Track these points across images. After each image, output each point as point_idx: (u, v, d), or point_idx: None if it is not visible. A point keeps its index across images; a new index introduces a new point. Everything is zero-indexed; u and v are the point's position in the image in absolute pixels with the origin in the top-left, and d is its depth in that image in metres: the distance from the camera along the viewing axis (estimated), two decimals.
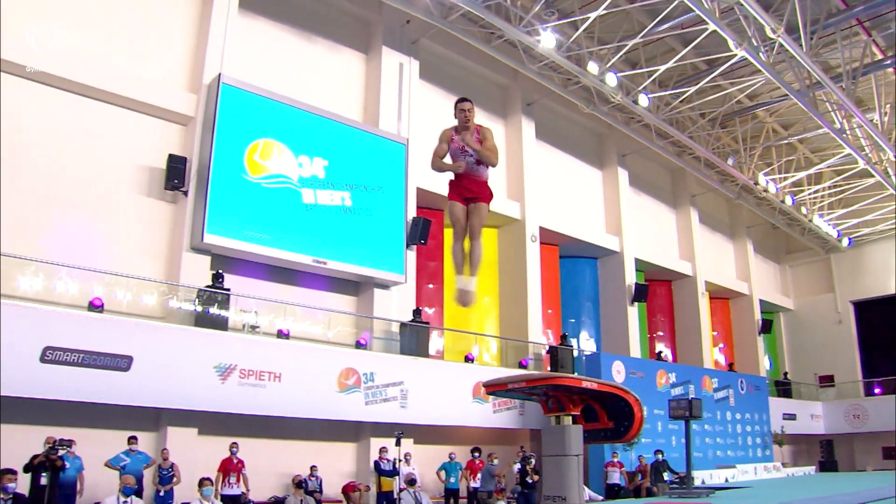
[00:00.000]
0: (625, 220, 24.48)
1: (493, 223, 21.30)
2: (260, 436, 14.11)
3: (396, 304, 17.21)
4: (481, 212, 6.71)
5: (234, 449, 13.02)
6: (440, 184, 18.63)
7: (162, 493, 12.14)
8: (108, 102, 14.39)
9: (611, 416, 11.39)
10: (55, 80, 13.73)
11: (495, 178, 20.60)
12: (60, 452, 10.40)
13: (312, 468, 14.02)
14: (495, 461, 16.35)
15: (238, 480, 12.90)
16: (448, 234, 20.60)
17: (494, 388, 10.40)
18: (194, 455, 12.98)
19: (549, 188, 22.47)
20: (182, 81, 15.49)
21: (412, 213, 17.89)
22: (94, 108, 14.27)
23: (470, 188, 6.67)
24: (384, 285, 17.01)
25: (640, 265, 25.12)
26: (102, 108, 14.36)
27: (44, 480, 10.27)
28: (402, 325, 16.87)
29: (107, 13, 14.69)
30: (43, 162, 13.47)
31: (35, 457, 10.36)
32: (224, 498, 12.40)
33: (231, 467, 12.89)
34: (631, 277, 24.11)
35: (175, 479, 12.29)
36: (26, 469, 10.34)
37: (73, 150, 13.89)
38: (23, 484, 10.31)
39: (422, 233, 17.69)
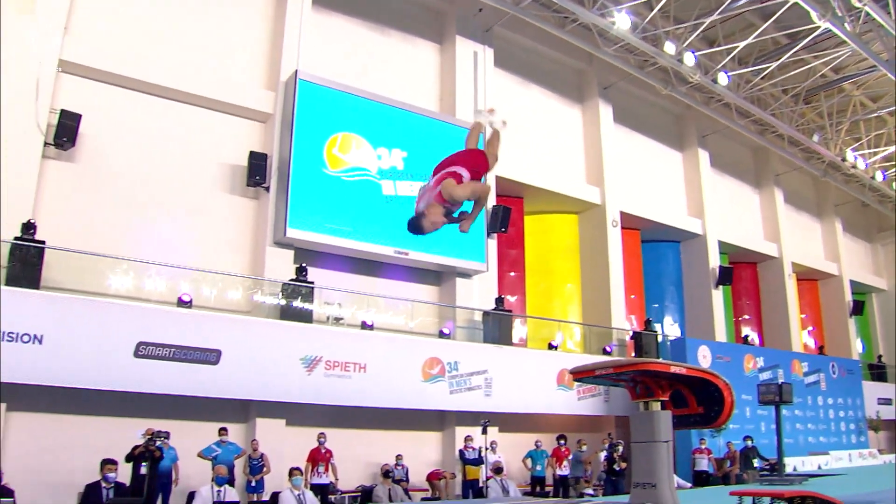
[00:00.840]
0: (707, 202, 23.75)
1: (574, 209, 20.95)
2: (346, 426, 14.18)
3: (478, 292, 17.03)
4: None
5: (322, 439, 13.10)
6: (519, 172, 18.71)
7: (253, 483, 12.29)
8: (190, 104, 14.62)
9: (700, 402, 10.99)
10: (139, 84, 14.05)
11: (574, 163, 20.59)
12: (158, 443, 10.63)
13: (398, 457, 14.00)
14: (584, 448, 16.10)
15: (326, 470, 13.00)
16: (529, 221, 20.37)
17: (581, 375, 10.11)
18: (283, 445, 13.13)
19: (629, 172, 21.96)
20: (260, 80, 15.63)
21: (492, 201, 17.62)
22: (176, 109, 14.52)
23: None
24: (466, 274, 16.88)
25: (724, 247, 24.35)
26: (185, 110, 14.60)
27: (143, 470, 10.48)
28: (485, 313, 16.69)
29: (185, 18, 14.96)
30: (130, 164, 13.78)
31: (135, 447, 10.58)
32: (313, 487, 12.46)
33: (319, 457, 12.98)
34: (715, 260, 23.41)
35: (265, 469, 12.41)
36: (128, 459, 10.56)
37: (158, 151, 14.16)
38: (123, 473, 10.54)
39: (502, 221, 17.48)
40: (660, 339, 20.30)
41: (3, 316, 10.68)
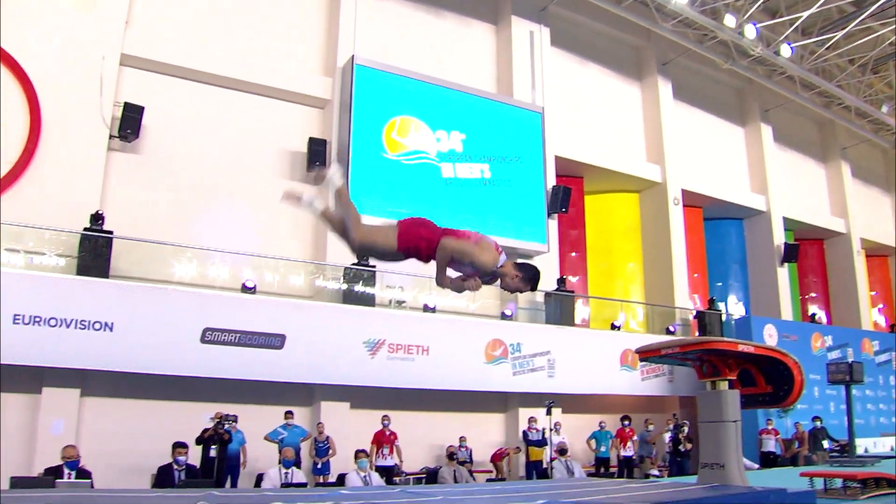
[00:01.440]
0: (771, 178, 23.04)
1: (634, 188, 20.56)
2: (409, 408, 14.16)
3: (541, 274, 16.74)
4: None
5: (386, 421, 13.10)
6: (579, 152, 18.42)
7: (319, 465, 12.37)
8: (249, 92, 14.72)
9: (769, 381, 10.69)
10: (199, 74, 14.20)
11: (634, 141, 20.17)
12: (226, 427, 10.74)
13: (461, 439, 13.96)
14: (651, 427, 15.84)
15: (391, 452, 13.02)
16: (589, 200, 20.05)
17: (647, 354, 9.90)
18: (347, 428, 13.15)
19: (690, 149, 21.42)
20: (317, 66, 15.63)
21: (551, 181, 17.46)
22: (236, 98, 14.62)
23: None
24: (527, 255, 16.53)
25: (789, 224, 23.63)
26: (244, 99, 14.70)
27: (213, 453, 10.66)
28: (547, 294, 16.52)
29: (242, 7, 15.07)
30: (192, 154, 13.94)
31: (205, 431, 10.78)
32: (378, 469, 12.47)
33: (384, 439, 13.01)
34: (780, 237, 22.74)
35: (331, 452, 12.48)
36: (198, 442, 10.77)
37: (219, 140, 14.27)
38: (194, 456, 10.68)
39: (562, 201, 17.24)
40: (724, 318, 19.84)
41: (75, 304, 10.97)
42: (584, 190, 19.84)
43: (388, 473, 12.61)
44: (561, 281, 16.72)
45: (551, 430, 14.03)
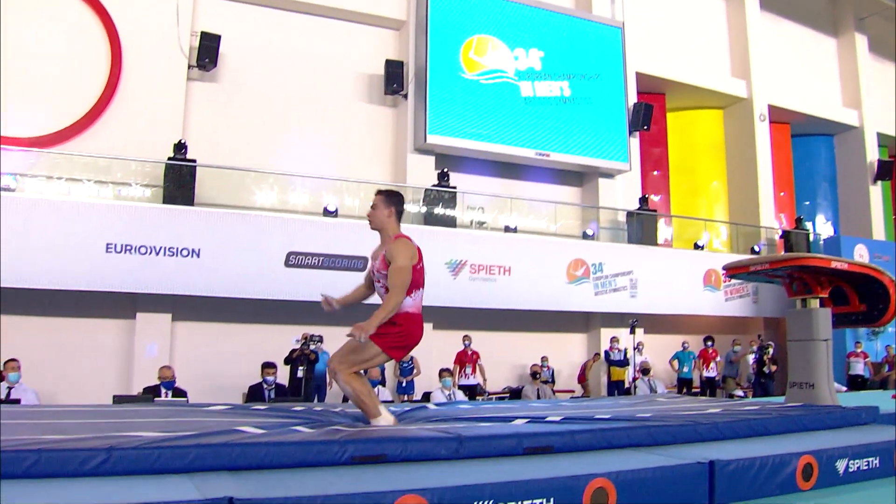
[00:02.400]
0: (864, 92, 21.67)
1: (718, 104, 19.65)
2: (491, 329, 14.10)
3: (622, 192, 16.41)
4: (360, 344, 4.46)
5: (467, 341, 13.05)
6: (661, 67, 17.65)
7: (403, 384, 12.40)
8: (324, 16, 14.46)
9: (863, 299, 10.18)
10: (274, 0, 13.99)
11: (718, 55, 19.21)
12: (312, 347, 10.84)
13: (543, 359, 13.88)
14: (737, 347, 15.41)
15: (474, 371, 12.99)
16: (672, 118, 19.33)
17: (735, 271, 9.44)
18: (430, 348, 13.03)
19: (778, 62, 20.25)
20: None
21: (633, 98, 16.82)
22: (311, 23, 14.39)
23: None
24: (608, 174, 16.24)
25: (884, 140, 22.31)
26: (319, 23, 14.45)
27: (300, 373, 10.84)
28: (629, 213, 16.10)
29: None
30: (269, 80, 13.83)
31: (292, 351, 10.98)
32: (462, 388, 12.44)
33: (466, 359, 13.00)
34: (873, 154, 21.51)
35: (415, 371, 12.50)
36: (286, 362, 10.99)
37: (295, 65, 14.13)
38: (282, 376, 10.81)
39: (644, 118, 16.61)
40: (812, 237, 19.06)
41: (164, 233, 11.20)
42: (667, 107, 19.06)
43: (472, 392, 12.59)
44: (643, 200, 16.23)
45: (634, 349, 13.77)
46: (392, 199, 4.76)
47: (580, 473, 3.40)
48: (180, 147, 11.97)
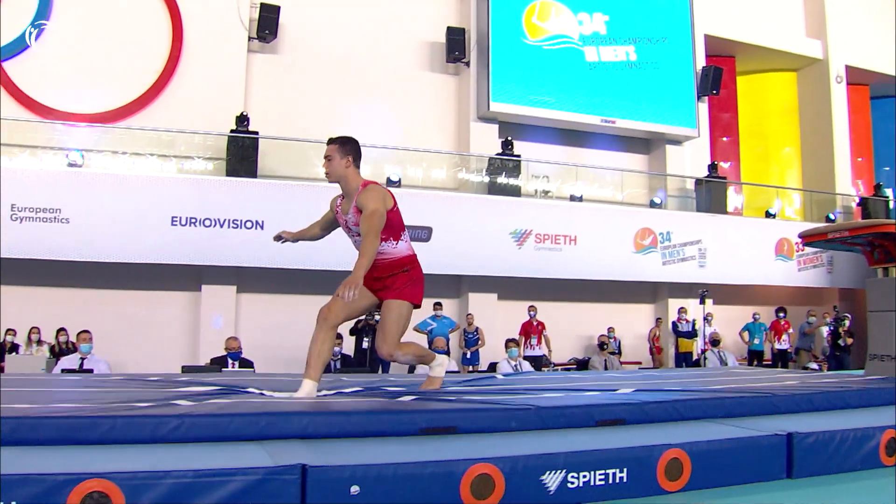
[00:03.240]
0: None
1: (792, 66, 18.78)
2: (557, 299, 13.89)
3: (690, 159, 15.91)
4: (387, 315, 4.40)
5: (533, 312, 12.78)
6: (730, 28, 16.90)
7: (468, 355, 12.24)
8: None
9: None
10: None
11: (791, 14, 18.33)
12: (377, 317, 10.65)
13: (610, 329, 13.55)
14: (812, 318, 14.79)
15: (539, 342, 12.72)
16: (742, 81, 18.59)
17: (812, 239, 8.94)
18: (495, 319, 13.00)
19: (855, 20, 19.15)
20: None
21: (701, 62, 16.21)
22: None
23: (372, 274, 4.27)
24: (676, 141, 15.77)
25: None
26: None
27: (365, 344, 10.83)
28: (698, 181, 15.58)
29: None
30: (329, 50, 13.71)
31: (358, 321, 10.88)
32: (527, 359, 12.20)
33: (532, 329, 12.73)
34: None
35: (480, 342, 12.30)
36: (352, 332, 11.05)
37: (355, 34, 13.98)
38: (347, 346, 10.85)
39: (713, 83, 16.02)
40: (892, 204, 18.15)
41: (227, 205, 11.29)
42: (737, 70, 18.31)
43: (538, 363, 12.34)
44: (712, 167, 15.69)
45: (704, 320, 13.31)
46: (346, 146, 4.42)
47: (654, 444, 3.31)
48: (242, 119, 11.97)
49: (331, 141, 4.45)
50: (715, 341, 13.14)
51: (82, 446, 2.84)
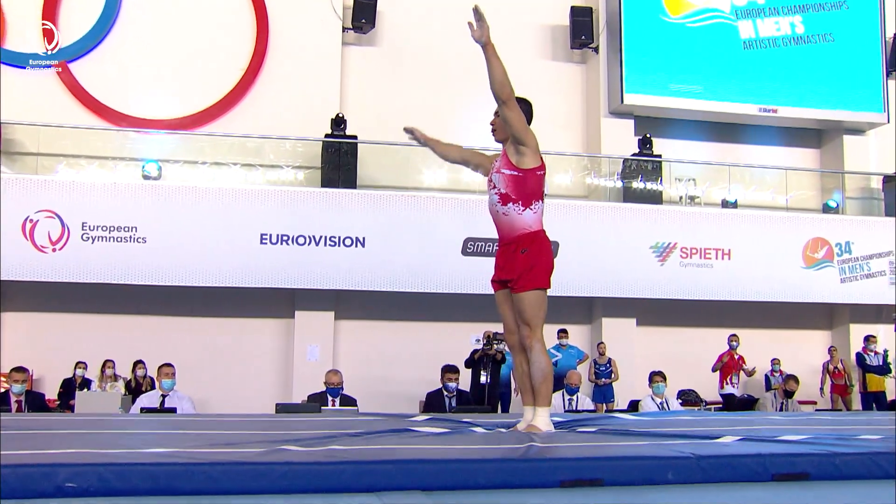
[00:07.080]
0: None
1: None
2: (708, 324, 13.57)
3: (876, 152, 15.06)
4: (521, 306, 4.44)
5: (735, 343, 12.77)
6: None
7: (601, 388, 12.10)
8: None
9: None
10: None
11: None
12: (498, 346, 10.59)
13: (774, 361, 13.05)
14: None
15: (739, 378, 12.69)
16: None
17: None
18: (632, 348, 12.87)
19: None
20: None
21: (891, 31, 15.07)
22: None
23: (498, 263, 4.56)
24: (857, 130, 14.92)
25: None
26: None
27: (483, 377, 10.73)
28: (886, 178, 14.54)
29: None
30: (434, 40, 13.56)
31: (474, 352, 10.85)
32: (724, 397, 12.38)
33: (732, 364, 12.72)
34: None
35: (614, 376, 12.03)
36: (467, 364, 10.85)
37: (461, 19, 13.68)
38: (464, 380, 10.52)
39: None
40: None
41: (323, 219, 11.42)
42: None
43: (730, 402, 12.14)
44: None
45: None
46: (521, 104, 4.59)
47: None
48: (339, 122, 11.92)
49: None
50: None
51: (174, 497, 2.80)
